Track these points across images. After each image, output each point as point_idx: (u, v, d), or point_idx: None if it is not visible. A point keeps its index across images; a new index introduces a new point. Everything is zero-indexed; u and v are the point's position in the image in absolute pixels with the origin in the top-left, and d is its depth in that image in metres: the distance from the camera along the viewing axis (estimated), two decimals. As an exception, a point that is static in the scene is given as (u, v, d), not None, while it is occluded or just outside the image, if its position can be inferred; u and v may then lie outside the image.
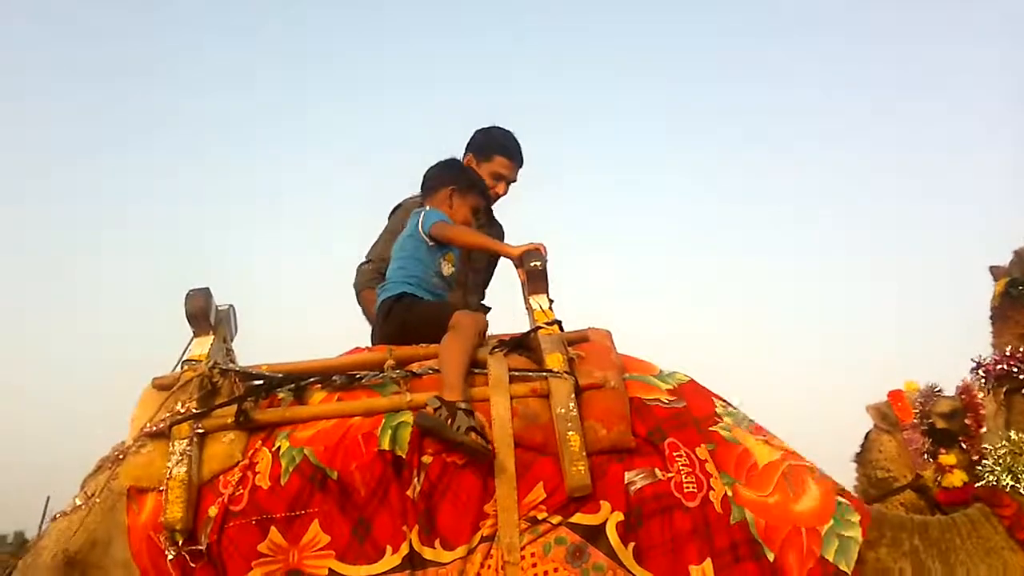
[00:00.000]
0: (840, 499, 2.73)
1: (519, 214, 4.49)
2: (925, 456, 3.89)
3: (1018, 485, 2.79)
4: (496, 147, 4.25)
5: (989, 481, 2.86)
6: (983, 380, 3.02)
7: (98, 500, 2.72)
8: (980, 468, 2.94)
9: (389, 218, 4.31)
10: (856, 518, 2.69)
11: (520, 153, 4.29)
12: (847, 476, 4.32)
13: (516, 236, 4.52)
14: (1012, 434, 2.87)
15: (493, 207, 4.35)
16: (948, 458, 3.21)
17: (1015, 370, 2.89)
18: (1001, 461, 2.85)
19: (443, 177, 3.83)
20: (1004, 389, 2.95)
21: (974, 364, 3.06)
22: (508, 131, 4.32)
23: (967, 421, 3.80)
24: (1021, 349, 2.91)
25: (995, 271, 3.13)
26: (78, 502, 2.79)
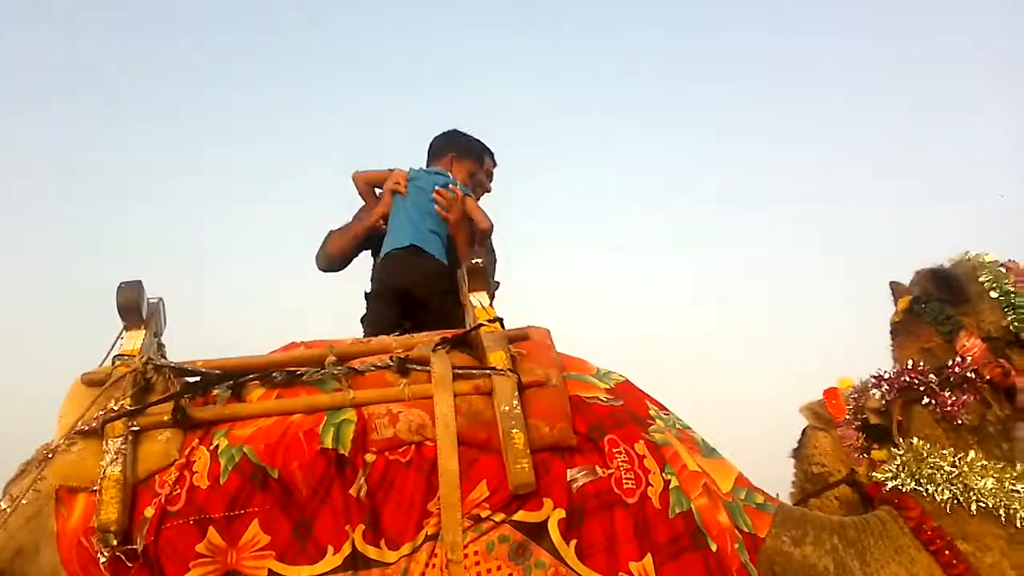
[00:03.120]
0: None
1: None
2: (859, 452, 3.97)
3: (920, 489, 2.91)
4: (481, 148, 4.48)
5: (894, 485, 2.98)
6: (885, 391, 3.11)
7: (23, 502, 2.60)
8: (879, 473, 3.09)
9: None
10: (761, 497, 2.84)
11: (483, 151, 4.52)
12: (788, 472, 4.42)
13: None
14: (914, 441, 2.99)
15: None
16: (880, 453, 3.27)
17: (916, 383, 3.00)
18: (905, 466, 2.97)
19: (445, 145, 4.37)
20: (903, 400, 3.05)
21: (874, 378, 3.17)
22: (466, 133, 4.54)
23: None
24: (922, 363, 3.02)
25: (896, 287, 3.26)
26: (2, 506, 2.67)
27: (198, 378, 2.81)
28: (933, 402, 2.96)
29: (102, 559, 2.47)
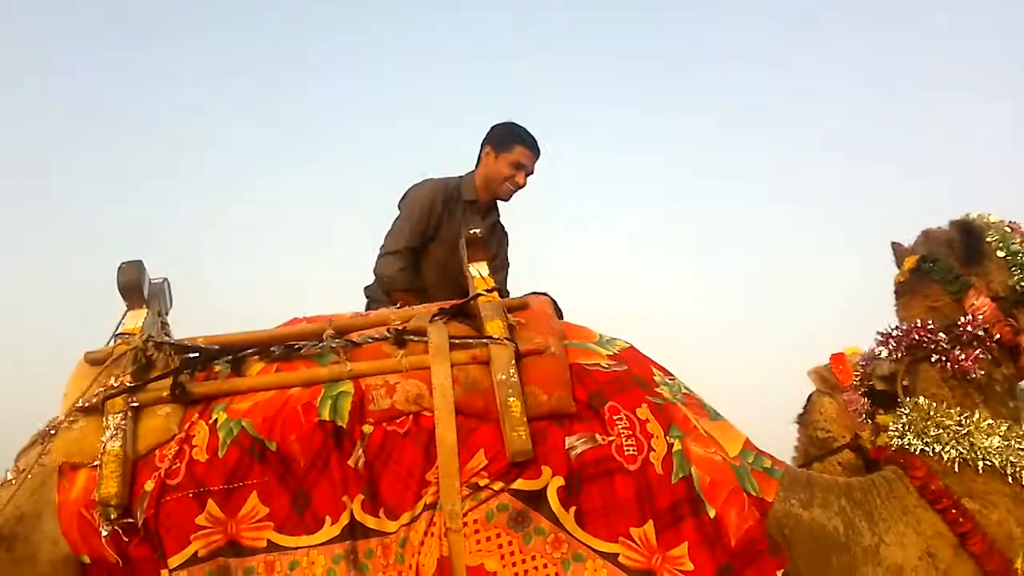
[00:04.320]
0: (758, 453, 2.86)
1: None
2: (864, 417, 3.97)
3: (927, 449, 2.91)
4: (515, 137, 4.42)
5: (900, 445, 2.98)
6: (892, 350, 3.11)
7: (28, 476, 2.65)
8: (888, 432, 3.08)
9: (400, 206, 4.40)
10: (769, 462, 2.84)
11: (537, 143, 4.44)
12: (791, 437, 4.43)
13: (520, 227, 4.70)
14: (920, 400, 2.99)
15: (507, 203, 4.53)
16: (885, 418, 3.27)
17: (925, 340, 2.99)
18: (911, 426, 2.97)
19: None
20: (911, 358, 3.06)
21: (880, 336, 3.16)
22: (523, 125, 4.47)
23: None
24: (930, 321, 3.01)
25: (897, 248, 3.25)
26: (9, 476, 2.73)
27: (197, 354, 2.82)
28: (943, 359, 2.96)
29: (103, 532, 2.51)
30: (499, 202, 4.55)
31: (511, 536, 2.50)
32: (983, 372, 2.94)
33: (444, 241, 4.31)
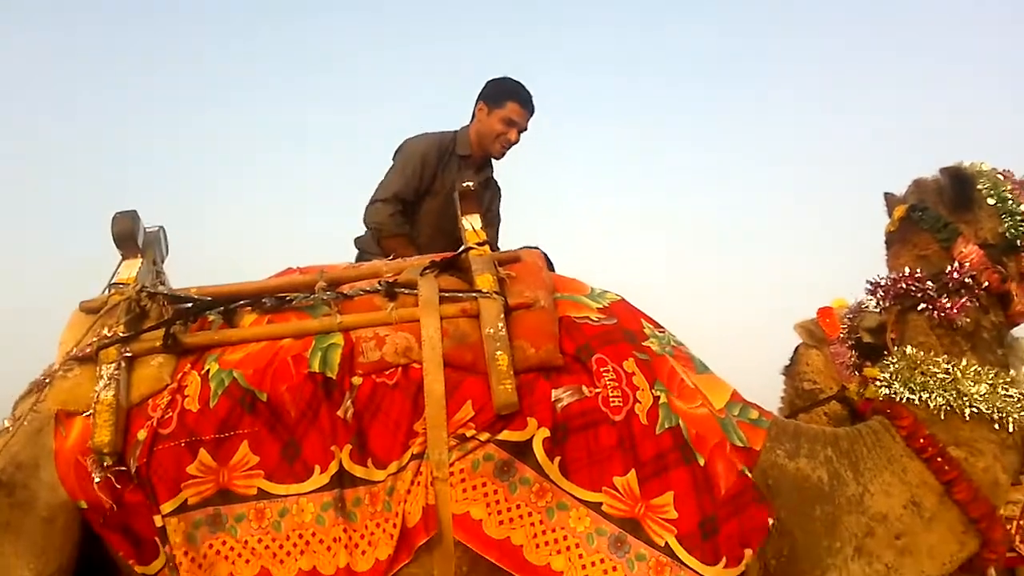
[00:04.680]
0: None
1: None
2: (851, 370, 4.01)
3: (913, 397, 2.93)
4: (507, 93, 4.39)
5: (887, 394, 3.00)
6: (880, 299, 3.12)
7: (25, 423, 2.70)
8: (876, 382, 3.08)
9: (395, 157, 4.40)
10: (756, 413, 2.88)
11: (531, 100, 4.41)
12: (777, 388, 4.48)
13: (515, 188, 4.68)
14: (908, 349, 3.00)
15: (499, 161, 4.51)
16: (873, 371, 3.30)
17: (912, 289, 2.99)
18: (898, 375, 2.98)
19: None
20: (899, 308, 3.06)
21: (870, 285, 3.16)
22: (518, 80, 4.43)
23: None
24: (918, 270, 3.00)
25: (889, 198, 3.23)
26: (6, 424, 2.78)
27: (190, 305, 2.85)
28: (930, 308, 2.96)
29: (96, 479, 2.56)
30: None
31: (497, 485, 2.55)
32: (969, 320, 2.94)
33: (438, 195, 4.30)
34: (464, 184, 3.14)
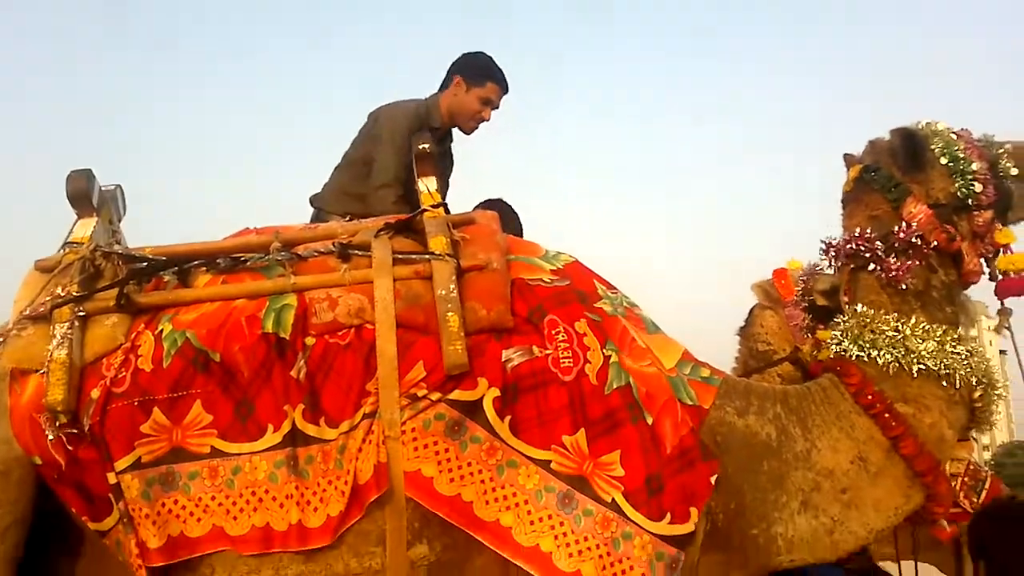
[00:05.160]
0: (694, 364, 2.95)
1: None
2: (804, 332, 4.08)
3: (863, 355, 2.97)
4: (487, 72, 4.31)
5: (837, 352, 3.05)
6: (832, 259, 3.15)
7: None
8: (828, 341, 3.13)
9: (375, 129, 4.25)
10: (707, 371, 2.93)
11: (507, 80, 4.36)
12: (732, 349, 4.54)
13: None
14: (859, 307, 3.04)
15: (469, 136, 4.43)
16: (825, 333, 3.35)
17: (862, 249, 3.02)
18: (848, 333, 3.03)
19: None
20: (851, 267, 3.10)
21: (824, 245, 3.18)
22: (492, 57, 4.37)
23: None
24: (869, 230, 3.04)
25: (848, 159, 3.25)
26: None
27: (144, 264, 2.86)
28: (878, 268, 3.00)
29: (50, 437, 2.59)
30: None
31: (448, 444, 2.59)
32: (916, 280, 2.98)
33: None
34: (420, 146, 3.15)
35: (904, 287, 2.98)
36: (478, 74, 4.29)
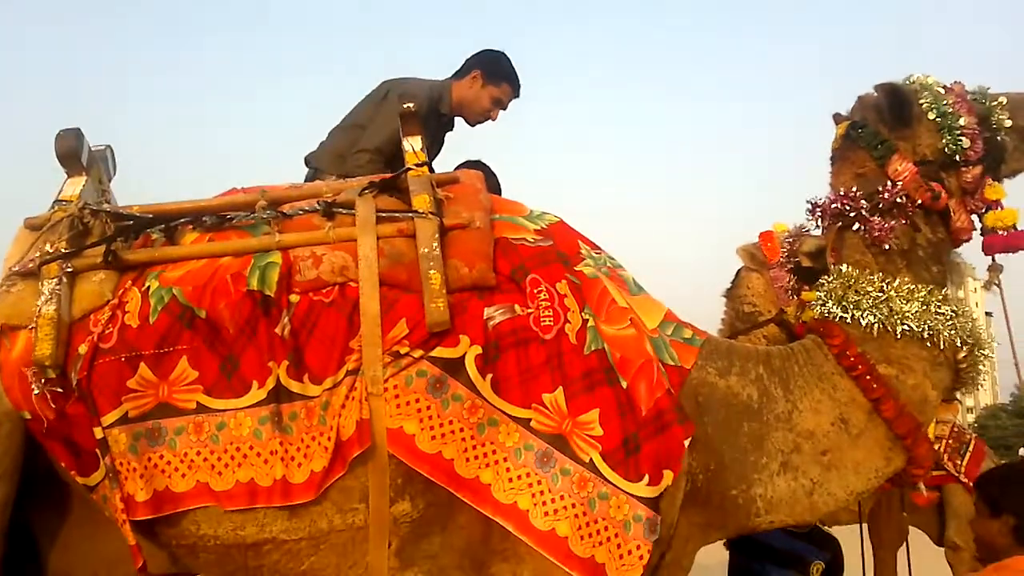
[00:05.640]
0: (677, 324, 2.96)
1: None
2: (789, 293, 4.11)
3: (846, 316, 2.96)
4: (506, 74, 4.41)
5: (821, 313, 3.03)
6: (819, 219, 3.13)
7: None
8: (812, 302, 3.12)
9: (382, 99, 4.29)
10: (689, 332, 2.96)
11: (520, 87, 4.46)
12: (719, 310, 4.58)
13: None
14: (844, 267, 3.03)
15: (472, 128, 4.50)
16: (810, 294, 3.35)
17: (847, 208, 3.00)
18: (832, 294, 3.01)
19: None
20: (838, 226, 3.06)
21: (809, 205, 3.15)
22: (511, 60, 4.46)
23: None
24: (854, 188, 3.01)
25: (837, 118, 3.20)
26: None
27: (132, 222, 2.88)
28: (863, 228, 2.98)
29: (36, 391, 2.63)
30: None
31: (429, 401, 2.62)
32: (899, 240, 2.96)
33: None
34: (405, 105, 3.15)
35: (888, 247, 2.96)
36: (497, 73, 4.38)
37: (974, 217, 3.05)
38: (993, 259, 3.08)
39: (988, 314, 3.68)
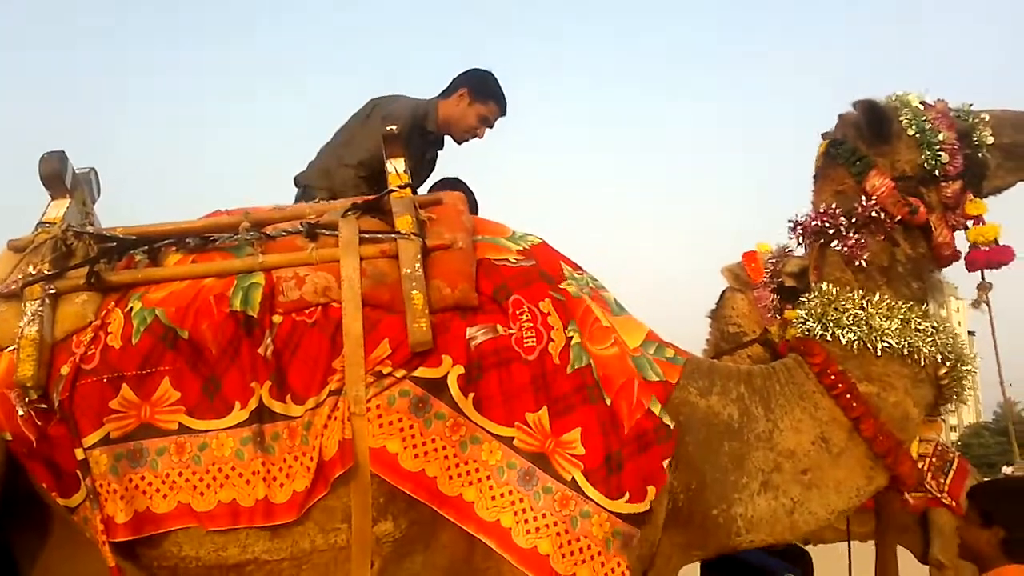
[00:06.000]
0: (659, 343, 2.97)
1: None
2: (773, 313, 4.13)
3: (826, 333, 2.97)
4: (492, 93, 4.45)
5: (802, 331, 3.05)
6: (800, 237, 3.16)
7: None
8: (794, 321, 3.13)
9: (368, 115, 4.32)
10: (671, 351, 2.96)
11: (507, 105, 4.50)
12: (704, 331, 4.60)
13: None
14: (824, 285, 3.04)
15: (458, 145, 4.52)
16: (793, 313, 3.38)
17: (827, 224, 3.02)
18: (812, 312, 3.03)
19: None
20: (819, 243, 3.09)
21: (791, 223, 3.18)
22: (498, 79, 4.50)
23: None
24: (834, 205, 3.03)
25: (825, 136, 3.22)
26: None
27: (115, 243, 2.89)
28: (840, 244, 3.00)
29: (20, 412, 2.63)
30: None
31: (412, 420, 2.63)
32: (873, 257, 2.98)
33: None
34: (388, 128, 3.18)
35: (862, 264, 2.98)
36: (484, 92, 4.42)
37: (959, 235, 3.07)
38: (982, 277, 3.09)
39: (971, 333, 3.70)
